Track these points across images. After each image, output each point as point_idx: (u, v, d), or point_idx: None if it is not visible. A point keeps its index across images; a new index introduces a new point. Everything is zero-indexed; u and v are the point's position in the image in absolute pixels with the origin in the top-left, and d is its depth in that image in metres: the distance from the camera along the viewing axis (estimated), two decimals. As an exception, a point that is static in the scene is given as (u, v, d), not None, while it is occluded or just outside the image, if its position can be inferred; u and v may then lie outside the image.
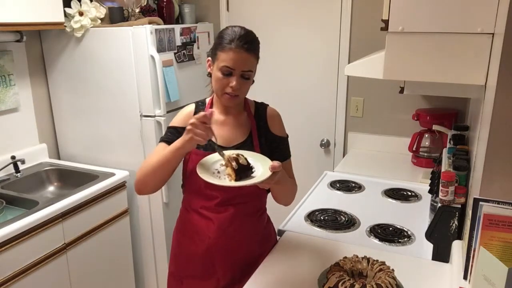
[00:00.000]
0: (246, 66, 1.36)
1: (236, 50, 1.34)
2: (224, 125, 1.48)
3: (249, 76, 1.39)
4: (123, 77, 2.38)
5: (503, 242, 1.04)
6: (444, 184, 1.44)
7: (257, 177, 1.26)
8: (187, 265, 1.55)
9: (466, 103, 2.51)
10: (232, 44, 1.34)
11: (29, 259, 1.85)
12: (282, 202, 1.53)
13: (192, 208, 1.51)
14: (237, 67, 1.35)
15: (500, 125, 1.10)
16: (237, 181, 1.25)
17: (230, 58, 1.34)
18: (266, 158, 1.34)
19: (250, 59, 1.37)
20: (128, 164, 2.49)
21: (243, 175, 1.27)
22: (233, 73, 1.36)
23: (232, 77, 1.36)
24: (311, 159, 2.97)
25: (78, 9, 2.34)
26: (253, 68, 1.40)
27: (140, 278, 2.68)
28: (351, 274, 1.33)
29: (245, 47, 1.35)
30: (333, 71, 2.82)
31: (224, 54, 1.35)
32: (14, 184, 2.23)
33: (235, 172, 1.25)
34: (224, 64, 1.35)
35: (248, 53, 1.36)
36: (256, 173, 1.29)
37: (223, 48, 1.36)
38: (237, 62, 1.34)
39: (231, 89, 1.37)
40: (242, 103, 1.52)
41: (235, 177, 1.25)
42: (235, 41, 1.34)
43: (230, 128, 1.48)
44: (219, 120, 1.48)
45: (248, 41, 1.36)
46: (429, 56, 1.33)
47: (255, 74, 1.45)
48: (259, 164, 1.32)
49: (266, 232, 1.62)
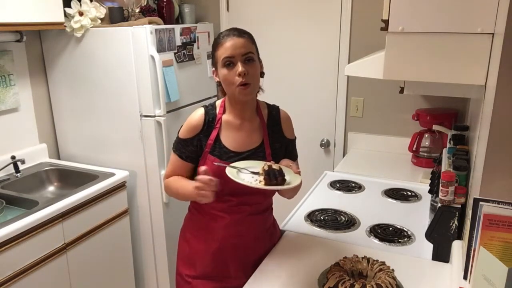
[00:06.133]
0: (244, 49, 1.38)
1: (228, 39, 1.38)
2: (240, 130, 1.48)
3: (251, 58, 1.40)
4: (123, 77, 2.38)
5: (503, 242, 1.04)
6: (444, 184, 1.44)
7: (292, 181, 1.32)
8: (198, 265, 1.55)
9: (466, 103, 2.51)
10: (224, 37, 1.40)
11: (29, 259, 1.84)
12: (287, 196, 1.57)
13: (205, 209, 1.52)
14: (235, 53, 1.37)
15: (500, 125, 1.10)
16: (274, 185, 1.29)
17: (226, 48, 1.37)
18: (286, 168, 1.38)
19: (245, 42, 1.39)
20: (128, 164, 2.49)
21: (276, 180, 1.30)
22: (234, 61, 1.38)
23: (236, 65, 1.37)
24: (311, 159, 2.97)
25: (78, 9, 2.34)
26: (253, 50, 1.41)
27: (140, 278, 2.68)
28: (351, 274, 1.34)
29: (235, 33, 1.40)
30: (333, 71, 2.82)
31: (220, 49, 1.39)
32: (14, 184, 2.23)
33: (269, 177, 1.29)
34: (224, 56, 1.38)
35: (240, 37, 1.39)
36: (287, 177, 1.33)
37: (217, 45, 1.41)
38: (233, 48, 1.37)
39: (239, 76, 1.37)
40: (255, 105, 1.52)
41: (271, 182, 1.29)
42: (225, 34, 1.41)
43: (245, 134, 1.48)
44: (235, 124, 1.48)
45: (236, 29, 1.42)
46: (429, 56, 1.33)
47: (261, 63, 1.46)
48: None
49: (273, 227, 1.67)
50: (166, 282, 2.63)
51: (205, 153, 1.45)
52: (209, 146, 1.45)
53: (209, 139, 1.45)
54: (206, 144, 1.45)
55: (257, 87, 1.45)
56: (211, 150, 1.45)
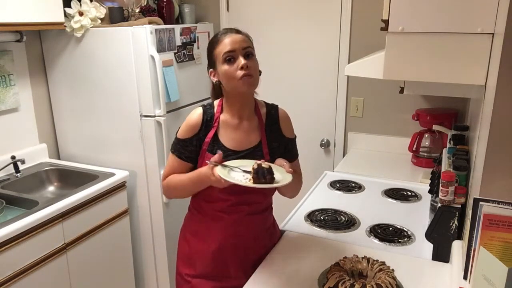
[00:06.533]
0: (243, 44, 1.40)
1: (227, 35, 1.40)
2: (237, 129, 1.49)
3: (251, 52, 1.41)
4: (123, 77, 2.38)
5: (503, 242, 1.04)
6: (444, 184, 1.44)
7: (282, 180, 1.32)
8: (197, 265, 1.55)
9: (466, 103, 2.51)
10: (222, 35, 1.42)
11: (29, 259, 1.84)
12: (288, 195, 1.58)
13: (204, 209, 1.52)
14: (236, 47, 1.38)
15: (500, 125, 1.10)
16: (262, 184, 1.30)
17: (225, 44, 1.39)
18: (276, 166, 1.39)
19: (243, 38, 1.42)
20: (128, 164, 2.49)
21: (264, 179, 1.30)
22: (235, 56, 1.39)
23: (237, 60, 1.38)
24: (311, 159, 2.97)
25: (78, 9, 2.34)
26: (251, 45, 1.43)
27: (140, 278, 2.68)
28: (351, 274, 1.34)
29: (233, 31, 1.43)
30: (333, 71, 2.82)
31: (220, 46, 1.40)
32: (14, 184, 2.23)
33: (257, 175, 1.29)
34: (224, 51, 1.38)
35: (238, 34, 1.42)
36: (276, 176, 1.34)
37: (215, 43, 1.42)
38: (233, 43, 1.39)
39: (242, 69, 1.37)
40: (253, 105, 1.52)
41: (259, 180, 1.29)
42: (222, 32, 1.43)
43: (243, 133, 1.49)
44: (232, 124, 1.48)
45: (234, 28, 1.45)
46: (429, 56, 1.33)
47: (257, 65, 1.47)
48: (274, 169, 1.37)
49: (273, 227, 1.67)
50: (166, 282, 2.63)
51: (203, 151, 1.46)
52: (207, 144, 1.45)
53: (206, 138, 1.46)
54: (204, 142, 1.46)
55: (258, 81, 1.45)
56: (209, 148, 1.45)
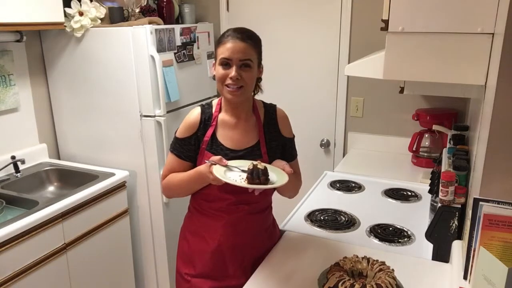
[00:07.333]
0: (243, 55, 1.38)
1: (231, 41, 1.38)
2: (235, 128, 1.49)
3: (248, 64, 1.39)
4: (123, 77, 2.38)
5: (503, 242, 1.04)
6: (444, 184, 1.44)
7: (277, 181, 1.33)
8: (197, 264, 1.55)
9: (466, 103, 2.51)
10: (228, 37, 1.39)
11: (29, 259, 1.84)
12: (287, 195, 1.58)
13: (204, 208, 1.53)
14: (234, 56, 1.37)
15: (500, 125, 1.10)
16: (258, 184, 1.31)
17: (226, 49, 1.38)
18: (272, 166, 1.41)
19: (247, 48, 1.39)
20: (128, 164, 2.49)
21: (258, 179, 1.31)
22: (231, 64, 1.38)
23: (231, 68, 1.38)
24: (311, 159, 2.97)
25: (78, 9, 2.34)
26: (252, 57, 1.40)
27: (140, 278, 2.68)
28: (351, 274, 1.33)
29: (239, 36, 1.38)
30: (333, 71, 2.82)
31: (222, 48, 1.39)
32: (14, 184, 2.23)
33: (252, 176, 1.30)
34: (222, 56, 1.38)
35: (243, 42, 1.38)
36: (271, 177, 1.34)
37: (220, 42, 1.41)
38: (233, 51, 1.37)
39: (231, 80, 1.38)
40: (251, 105, 1.52)
41: (253, 181, 1.30)
42: (230, 34, 1.40)
43: (241, 132, 1.49)
44: (230, 123, 1.49)
45: (243, 32, 1.41)
46: (429, 56, 1.33)
47: (261, 69, 1.47)
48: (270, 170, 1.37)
49: (273, 227, 1.66)
50: (166, 282, 2.63)
51: (202, 150, 1.46)
52: (205, 143, 1.46)
53: (205, 136, 1.46)
54: (203, 141, 1.46)
55: (249, 90, 1.46)
56: (208, 147, 1.46)
